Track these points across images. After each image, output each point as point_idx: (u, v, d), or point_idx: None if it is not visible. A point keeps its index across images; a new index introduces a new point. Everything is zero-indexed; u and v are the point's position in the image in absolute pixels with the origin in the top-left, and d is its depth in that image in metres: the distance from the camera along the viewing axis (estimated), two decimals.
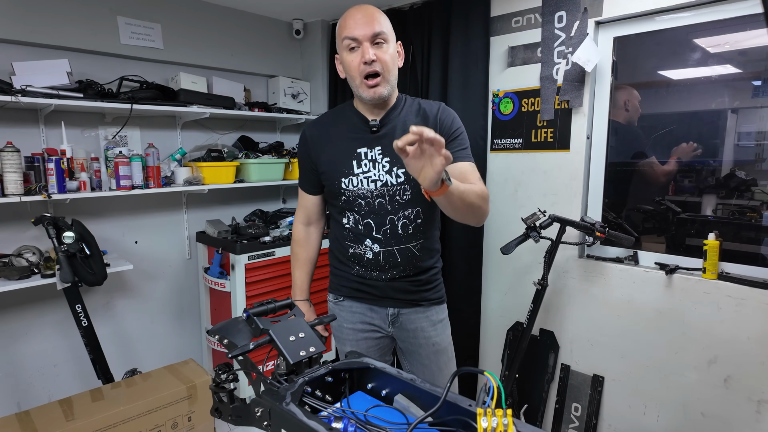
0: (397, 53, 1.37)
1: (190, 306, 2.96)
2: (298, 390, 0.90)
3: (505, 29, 2.30)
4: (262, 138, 3.17)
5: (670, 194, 2.13)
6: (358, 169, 1.39)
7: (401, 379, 0.96)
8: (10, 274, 2.06)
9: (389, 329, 1.53)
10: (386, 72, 1.32)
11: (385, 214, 1.40)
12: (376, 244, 1.42)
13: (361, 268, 1.48)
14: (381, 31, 1.30)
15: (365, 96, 1.33)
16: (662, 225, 2.15)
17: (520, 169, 2.32)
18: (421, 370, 1.54)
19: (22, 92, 2.01)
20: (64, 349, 2.46)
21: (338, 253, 1.54)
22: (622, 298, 2.06)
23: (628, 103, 2.15)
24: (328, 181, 1.45)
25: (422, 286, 1.49)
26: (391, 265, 1.44)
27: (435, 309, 1.53)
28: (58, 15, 2.24)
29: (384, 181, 1.38)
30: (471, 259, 2.47)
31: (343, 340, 1.56)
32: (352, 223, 1.44)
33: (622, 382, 2.09)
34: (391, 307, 1.50)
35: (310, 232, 1.61)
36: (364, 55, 1.29)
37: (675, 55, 2.02)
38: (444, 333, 1.55)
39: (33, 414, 1.89)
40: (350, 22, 1.31)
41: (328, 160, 1.44)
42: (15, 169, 1.98)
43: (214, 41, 2.82)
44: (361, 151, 1.39)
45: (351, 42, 1.31)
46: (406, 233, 1.41)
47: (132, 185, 2.33)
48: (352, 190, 1.40)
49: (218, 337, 1.15)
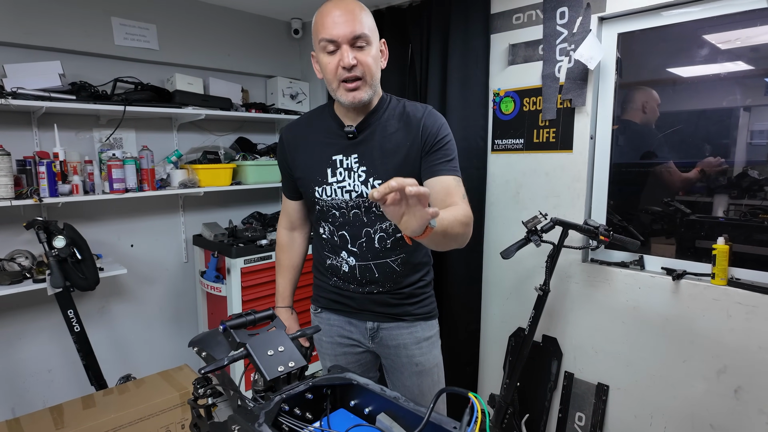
0: (380, 53, 1.24)
1: (187, 310, 2.92)
2: (274, 409, 0.85)
3: (506, 26, 2.23)
4: (261, 139, 3.13)
5: (680, 195, 2.05)
6: (332, 177, 1.29)
7: (384, 397, 0.90)
8: (1, 279, 2.03)
9: (369, 344, 1.42)
10: (368, 76, 1.19)
11: (361, 226, 1.29)
12: (352, 257, 1.33)
13: (339, 280, 1.39)
14: (362, 33, 1.16)
15: (344, 101, 1.21)
16: (671, 227, 2.07)
17: (522, 170, 2.25)
18: (402, 392, 1.43)
19: (12, 95, 1.98)
20: (59, 354, 2.43)
21: (318, 263, 1.46)
22: (627, 304, 1.98)
23: (646, 105, 2.06)
24: (303, 188, 1.36)
25: (405, 299, 1.37)
26: (368, 280, 1.34)
27: (420, 325, 1.39)
28: (51, 16, 2.21)
29: (359, 192, 1.27)
30: (470, 263, 2.41)
31: (324, 355, 1.48)
32: (328, 234, 1.35)
33: (627, 391, 2.01)
34: (371, 321, 1.39)
35: (294, 237, 1.53)
36: (343, 59, 1.15)
37: (683, 51, 1.94)
38: (430, 353, 1.40)
39: (23, 421, 1.86)
40: (328, 21, 1.15)
41: (302, 166, 1.34)
42: (5, 172, 1.95)
43: (211, 42, 2.78)
44: (337, 158, 1.29)
45: (329, 44, 1.16)
46: (384, 247, 1.30)
47: (125, 188, 2.30)
48: (326, 200, 1.31)
49: (197, 349, 1.10)
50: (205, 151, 2.73)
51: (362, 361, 1.46)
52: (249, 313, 1.04)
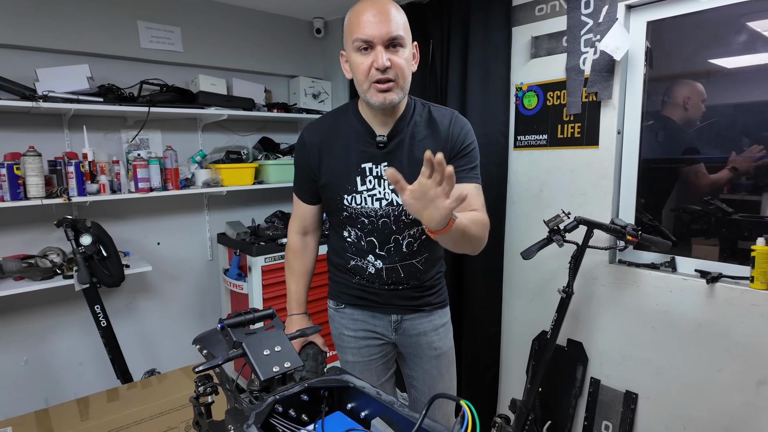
0: (412, 55, 1.22)
1: (212, 307, 2.98)
2: (265, 410, 0.83)
3: (528, 18, 2.15)
4: (284, 139, 3.15)
5: (725, 193, 1.91)
6: (362, 186, 1.28)
7: (380, 401, 0.87)
8: (33, 274, 2.12)
9: (392, 336, 1.46)
10: (401, 79, 1.17)
11: (390, 233, 1.31)
12: (379, 261, 1.35)
13: (363, 280, 1.41)
14: (398, 35, 1.14)
15: (374, 102, 1.19)
16: (712, 227, 1.94)
17: (545, 167, 2.17)
18: (421, 375, 1.48)
19: (44, 98, 2.06)
20: (89, 348, 2.52)
21: (338, 263, 1.46)
22: (657, 309, 1.87)
23: (688, 101, 1.93)
24: (329, 195, 1.33)
25: (425, 292, 1.43)
26: (394, 280, 1.38)
27: (438, 313, 1.46)
28: (80, 22, 2.29)
29: (389, 200, 1.27)
30: (490, 263, 2.34)
31: (344, 349, 1.48)
32: (353, 238, 1.36)
33: (657, 400, 1.90)
34: (394, 314, 1.43)
35: (306, 241, 1.48)
36: (377, 60, 1.13)
37: (720, 39, 1.81)
38: (446, 337, 1.48)
39: (51, 412, 1.93)
40: (363, 20, 1.13)
41: (329, 172, 1.31)
42: (36, 172, 2.03)
43: (234, 43, 2.81)
44: (366, 166, 1.27)
45: (363, 44, 1.14)
46: (411, 250, 1.34)
47: (150, 187, 2.35)
48: (355, 208, 1.30)
49: (199, 346, 1.11)
50: (228, 150, 2.77)
51: (384, 352, 1.48)
52: (248, 311, 1.03)
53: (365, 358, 1.46)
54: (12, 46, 2.16)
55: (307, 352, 1.34)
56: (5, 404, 2.30)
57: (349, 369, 1.45)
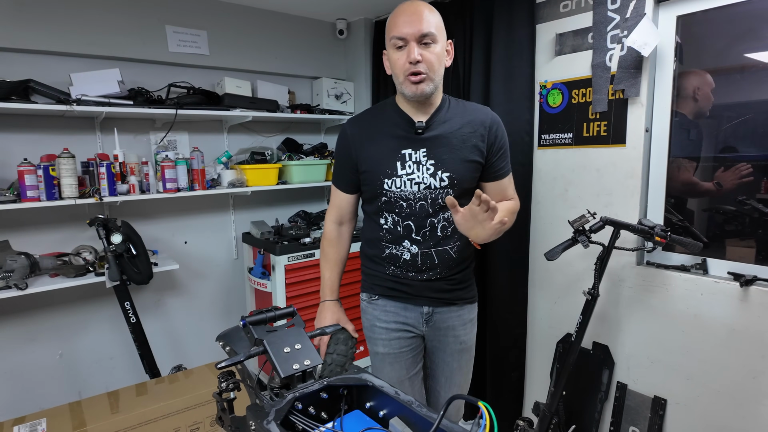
0: (446, 52, 1.36)
1: (237, 305, 3.03)
2: (285, 407, 0.85)
3: (552, 15, 2.11)
4: (307, 140, 3.19)
5: (762, 192, 1.84)
6: (402, 170, 1.38)
7: (398, 400, 0.87)
8: (67, 272, 2.20)
9: (423, 328, 1.51)
10: (431, 72, 1.30)
11: (426, 216, 1.39)
12: (415, 246, 1.42)
13: (397, 269, 1.47)
14: (429, 32, 1.28)
15: (408, 92, 1.32)
16: (747, 228, 1.87)
17: (570, 166, 2.13)
18: (441, 367, 1.55)
19: (77, 101, 2.14)
20: (120, 343, 2.60)
21: (372, 254, 1.52)
22: (687, 312, 1.81)
23: (698, 92, 1.88)
24: (369, 181, 1.42)
25: (457, 285, 1.49)
26: (428, 266, 1.43)
27: (468, 308, 1.54)
28: (112, 27, 2.37)
29: (427, 184, 1.37)
30: (515, 264, 2.31)
31: (375, 340, 1.53)
32: (390, 224, 1.43)
33: (687, 406, 1.84)
34: (426, 306, 1.49)
35: (341, 231, 1.57)
36: (409, 54, 1.27)
37: (755, 33, 1.73)
38: (472, 332, 1.57)
39: (83, 404, 2.00)
40: (399, 21, 1.29)
41: (370, 159, 1.41)
42: (70, 173, 2.11)
43: (259, 45, 2.86)
44: (406, 152, 1.38)
45: (398, 41, 1.30)
46: (445, 235, 1.41)
47: (177, 188, 2.41)
48: (395, 192, 1.39)
49: (222, 343, 1.13)
50: (252, 151, 2.82)
51: (413, 345, 1.53)
52: (270, 309, 1.04)
53: (396, 350, 1.50)
54: (49, 52, 2.25)
55: (338, 336, 1.40)
56: (42, 396, 2.40)
57: (379, 361, 1.53)
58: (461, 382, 1.58)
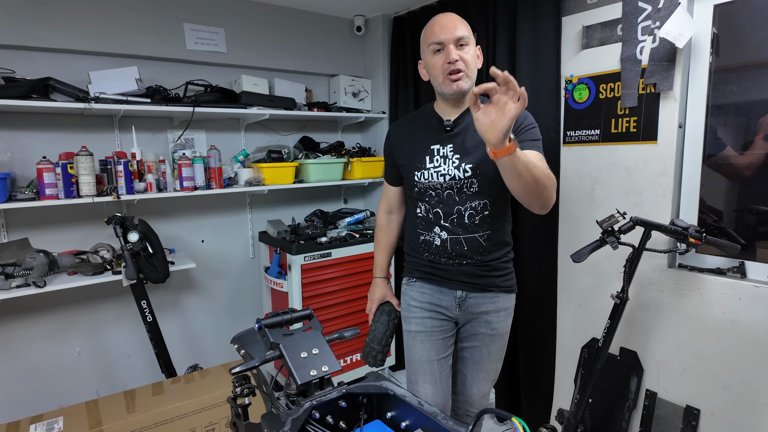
0: (476, 56, 1.49)
1: (253, 304, 3.01)
2: (302, 416, 0.80)
3: (579, 7, 2.03)
4: (324, 138, 3.15)
5: None
6: (430, 164, 1.52)
7: (422, 412, 0.81)
8: (85, 270, 2.20)
9: (456, 311, 1.58)
10: (468, 70, 1.43)
11: (453, 204, 1.50)
12: (444, 232, 1.52)
13: (430, 255, 1.57)
14: (464, 35, 1.43)
15: (447, 91, 1.44)
16: None
17: (598, 164, 2.04)
18: (470, 350, 1.61)
19: (95, 99, 2.14)
20: (137, 342, 2.60)
21: (411, 242, 1.66)
22: (724, 318, 1.72)
23: None
24: (405, 173, 1.60)
25: (491, 272, 1.54)
26: (458, 252, 1.52)
27: (503, 297, 1.58)
28: (130, 26, 2.36)
29: (452, 175, 1.48)
30: (544, 264, 2.23)
31: (409, 319, 1.63)
32: (423, 212, 1.56)
33: (723, 417, 1.75)
34: (460, 290, 1.56)
35: (391, 219, 1.78)
36: (448, 56, 1.40)
37: None
38: (505, 321, 1.60)
39: (100, 403, 2.00)
40: (436, 29, 1.43)
41: (405, 155, 1.59)
42: (88, 171, 2.10)
43: (276, 43, 2.83)
44: (434, 147, 1.52)
45: (436, 46, 1.43)
46: (473, 223, 1.50)
47: (194, 186, 2.40)
48: (424, 183, 1.53)
49: (237, 346, 1.09)
50: (269, 150, 2.79)
51: (444, 327, 1.60)
52: (286, 311, 1.00)
53: (428, 328, 1.59)
54: (68, 50, 2.25)
55: (383, 308, 1.71)
56: (60, 393, 2.41)
57: (411, 338, 1.62)
58: (489, 369, 1.63)
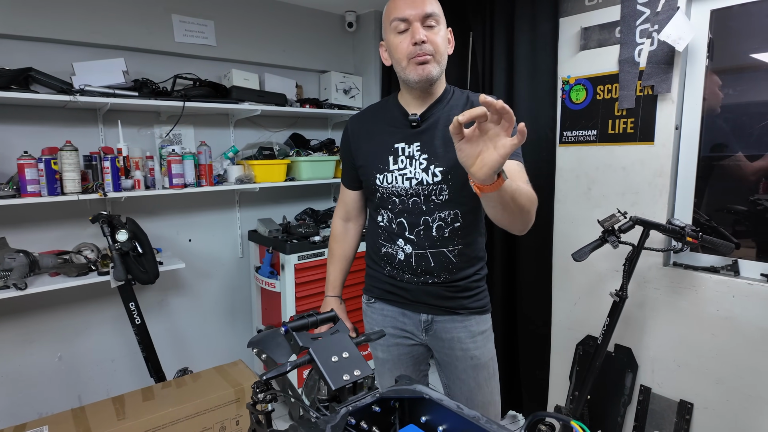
0: (447, 39, 1.27)
1: (242, 305, 2.94)
2: (340, 423, 0.77)
3: (577, 9, 2.05)
4: (314, 135, 3.10)
5: (760, 192, 1.81)
6: (393, 165, 1.30)
7: (462, 416, 0.80)
8: (69, 271, 2.10)
9: (422, 337, 1.40)
10: (437, 54, 1.21)
11: (420, 214, 1.29)
12: (409, 245, 1.32)
13: (393, 269, 1.37)
14: (433, 12, 1.20)
15: (413, 77, 1.21)
16: (759, 228, 1.83)
17: (595, 164, 2.07)
18: (458, 385, 1.40)
19: (80, 92, 2.04)
20: (122, 345, 2.50)
21: (372, 252, 1.45)
22: (718, 315, 1.77)
23: (706, 90, 1.84)
24: (364, 176, 1.37)
25: (460, 293, 1.34)
26: (423, 269, 1.32)
27: (475, 319, 1.36)
28: (116, 15, 2.26)
29: (419, 180, 1.27)
30: (542, 261, 2.26)
31: (375, 345, 1.45)
32: (385, 222, 1.36)
33: (716, 411, 1.80)
34: (425, 314, 1.37)
35: (348, 228, 1.54)
36: (414, 35, 1.18)
37: None
38: (485, 346, 1.38)
39: (87, 410, 1.91)
40: (400, 3, 1.21)
41: (364, 154, 1.36)
42: (73, 167, 2.00)
43: (267, 37, 2.77)
44: (399, 146, 1.30)
45: (400, 23, 1.20)
46: (441, 236, 1.29)
47: (184, 183, 2.32)
48: (387, 187, 1.31)
49: (257, 350, 1.05)
50: (260, 147, 2.73)
51: (414, 353, 1.43)
52: (311, 314, 0.97)
53: (394, 356, 1.42)
54: (50, 40, 2.14)
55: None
56: (40, 400, 2.29)
57: (380, 365, 1.45)
58: (485, 402, 1.39)
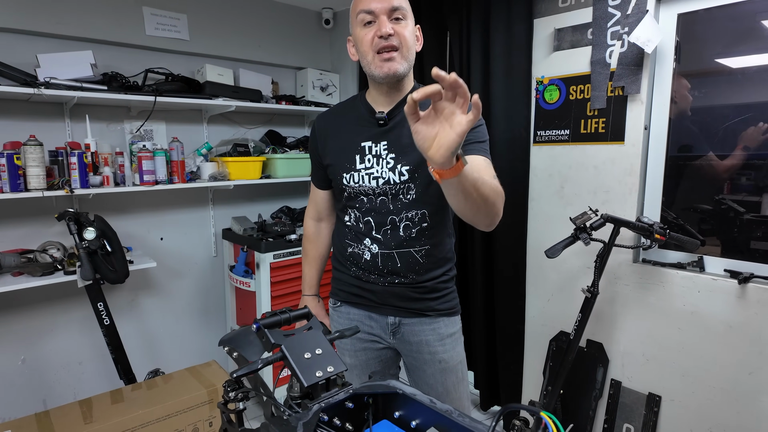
0: (415, 36, 1.25)
1: (216, 305, 2.89)
2: (312, 419, 0.76)
3: (551, 10, 2.09)
4: (290, 132, 3.07)
5: (725, 193, 1.88)
6: (360, 164, 1.29)
7: (435, 409, 0.80)
8: (33, 270, 2.02)
9: (390, 340, 1.38)
10: (404, 48, 1.19)
11: (387, 213, 1.28)
12: (375, 245, 1.30)
13: (359, 270, 1.36)
14: (400, 6, 1.18)
15: (378, 73, 1.19)
16: (723, 227, 1.90)
17: (567, 163, 2.11)
18: (426, 391, 1.35)
19: (45, 84, 1.96)
20: (90, 347, 2.42)
21: (338, 253, 1.43)
22: (684, 309, 1.83)
23: (676, 94, 1.90)
24: (332, 175, 1.36)
25: (427, 294, 1.33)
26: (390, 270, 1.30)
27: (443, 321, 1.35)
28: (83, 6, 2.19)
29: (386, 179, 1.26)
30: (517, 259, 2.29)
31: (343, 350, 1.42)
32: (352, 221, 1.34)
33: (683, 403, 1.86)
34: (392, 316, 1.35)
35: (320, 228, 1.53)
36: (380, 28, 1.16)
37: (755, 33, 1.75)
38: (454, 350, 1.36)
39: (52, 414, 1.84)
40: None
41: (332, 153, 1.34)
42: (37, 163, 1.93)
43: (241, 32, 2.72)
44: (366, 145, 1.28)
45: (366, 15, 1.18)
46: (409, 236, 1.28)
47: (155, 180, 2.26)
48: (354, 186, 1.30)
49: (228, 349, 1.03)
50: (235, 143, 2.68)
51: (383, 357, 1.41)
52: (284, 311, 0.95)
53: (362, 361, 1.40)
54: (12, 30, 2.05)
55: None
56: (2, 405, 2.20)
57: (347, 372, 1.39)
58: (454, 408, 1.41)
